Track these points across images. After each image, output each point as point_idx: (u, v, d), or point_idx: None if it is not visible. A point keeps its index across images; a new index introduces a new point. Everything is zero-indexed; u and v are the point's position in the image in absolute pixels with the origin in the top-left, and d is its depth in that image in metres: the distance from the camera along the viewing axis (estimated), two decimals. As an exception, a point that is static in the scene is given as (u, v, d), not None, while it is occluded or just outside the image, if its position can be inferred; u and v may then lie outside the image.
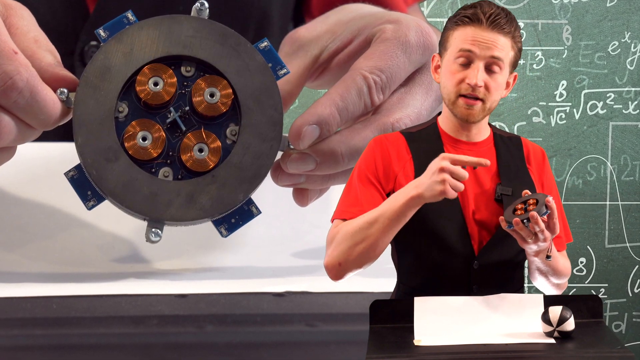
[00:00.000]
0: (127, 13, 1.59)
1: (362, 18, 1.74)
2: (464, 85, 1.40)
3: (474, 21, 1.40)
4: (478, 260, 1.40)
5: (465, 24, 1.40)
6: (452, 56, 1.41)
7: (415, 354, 1.28)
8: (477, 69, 1.39)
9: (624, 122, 2.89)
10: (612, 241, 2.92)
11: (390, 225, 1.37)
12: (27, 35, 1.57)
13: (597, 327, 1.36)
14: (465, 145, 1.44)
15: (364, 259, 1.40)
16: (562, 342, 1.30)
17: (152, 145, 1.56)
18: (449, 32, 1.43)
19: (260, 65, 1.59)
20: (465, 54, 1.40)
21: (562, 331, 1.31)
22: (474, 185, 1.42)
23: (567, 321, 1.31)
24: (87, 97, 1.55)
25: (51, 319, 1.57)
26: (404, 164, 1.44)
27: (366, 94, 1.63)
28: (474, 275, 1.41)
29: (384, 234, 1.38)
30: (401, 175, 1.43)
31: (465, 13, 1.41)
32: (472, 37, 1.40)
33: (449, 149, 1.44)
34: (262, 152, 1.57)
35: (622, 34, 2.86)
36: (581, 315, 1.36)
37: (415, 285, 1.44)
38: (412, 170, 1.42)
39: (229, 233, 1.59)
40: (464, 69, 1.40)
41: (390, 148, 1.45)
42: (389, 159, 1.44)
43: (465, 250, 1.41)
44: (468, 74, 1.40)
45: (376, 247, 1.39)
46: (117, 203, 1.55)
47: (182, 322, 1.57)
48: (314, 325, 1.57)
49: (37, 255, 1.80)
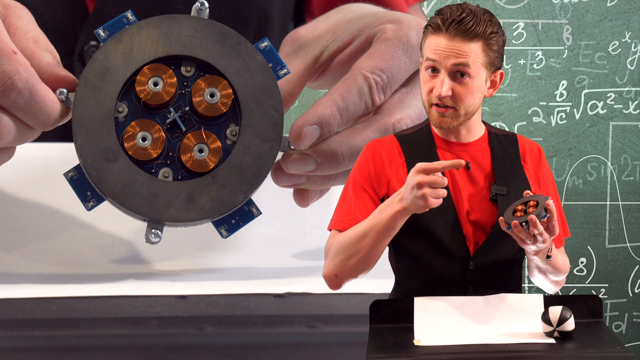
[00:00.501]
0: (127, 13, 1.58)
1: (363, 18, 1.73)
2: (432, 95, 1.39)
3: (435, 30, 1.39)
4: (473, 261, 1.40)
5: (430, 32, 1.40)
6: (423, 65, 1.41)
7: (415, 354, 1.28)
8: (441, 79, 1.38)
9: (625, 122, 2.89)
10: (613, 241, 2.92)
11: (379, 238, 1.37)
12: (26, 35, 1.56)
13: (597, 327, 1.35)
14: (457, 147, 1.43)
15: (358, 270, 1.40)
16: (562, 342, 1.30)
17: (152, 145, 1.55)
18: (423, 38, 1.42)
19: (261, 65, 1.58)
20: (431, 64, 1.39)
21: (562, 331, 1.31)
22: (468, 186, 1.42)
23: (567, 321, 1.30)
24: (86, 97, 1.54)
25: (50, 320, 1.56)
26: (397, 168, 1.43)
27: (367, 94, 1.63)
28: (470, 276, 1.40)
29: (375, 246, 1.38)
30: (394, 180, 1.43)
31: (431, 20, 1.40)
32: (435, 46, 1.39)
33: (441, 151, 1.43)
34: (263, 152, 1.57)
35: (623, 34, 2.86)
36: (581, 315, 1.35)
37: (411, 286, 1.43)
38: (405, 175, 1.41)
39: (229, 234, 1.59)
40: (432, 78, 1.39)
41: (383, 153, 1.44)
42: (382, 164, 1.43)
43: (460, 251, 1.40)
44: (435, 84, 1.39)
45: (369, 259, 1.39)
46: (117, 204, 1.55)
47: (182, 324, 1.57)
48: (315, 326, 1.56)
49: (36, 256, 1.79)
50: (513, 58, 2.82)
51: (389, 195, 1.41)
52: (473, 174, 1.42)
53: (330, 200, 1.63)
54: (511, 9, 2.82)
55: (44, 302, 1.59)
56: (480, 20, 1.38)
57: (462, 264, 1.40)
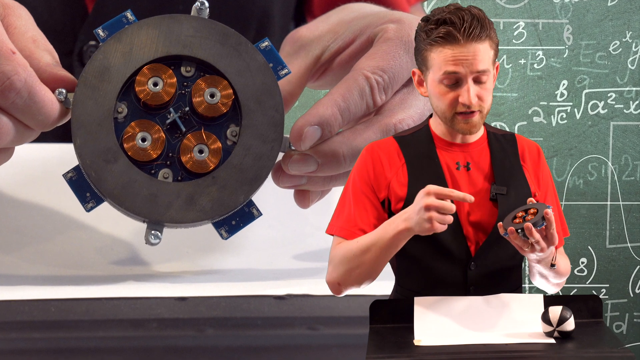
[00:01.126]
0: (126, 12, 1.58)
1: (364, 17, 1.73)
2: (458, 106, 1.38)
3: (450, 40, 1.36)
4: (474, 262, 1.40)
5: (440, 44, 1.37)
6: (437, 77, 1.39)
7: (415, 354, 1.28)
8: (467, 88, 1.37)
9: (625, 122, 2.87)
10: (613, 241, 2.90)
11: (382, 254, 1.38)
12: (25, 35, 1.56)
13: (597, 327, 1.36)
14: (457, 147, 1.43)
15: (361, 281, 1.41)
16: (562, 342, 1.30)
17: (152, 146, 1.55)
18: (424, 52, 1.40)
19: (261, 66, 1.58)
20: (454, 77, 1.38)
21: (562, 331, 1.31)
22: (468, 187, 1.42)
23: (567, 321, 1.31)
24: (85, 98, 1.54)
25: (49, 322, 1.56)
26: (397, 170, 1.43)
27: (368, 94, 1.63)
28: (471, 276, 1.40)
29: (377, 261, 1.38)
30: (394, 182, 1.42)
31: (438, 33, 1.37)
32: (453, 57, 1.37)
33: (441, 151, 1.43)
34: (263, 153, 1.57)
35: (624, 34, 2.84)
36: (581, 315, 1.36)
37: (412, 287, 1.43)
38: (405, 177, 1.41)
39: (229, 235, 1.59)
40: (452, 89, 1.38)
41: (382, 156, 1.43)
42: (381, 167, 1.43)
43: (461, 252, 1.40)
44: (460, 94, 1.38)
45: (372, 272, 1.39)
46: (116, 205, 1.55)
47: (182, 326, 1.57)
48: (316, 328, 1.56)
49: (35, 258, 1.79)
50: (513, 58, 2.82)
51: (389, 197, 1.41)
52: (473, 175, 1.42)
53: (331, 201, 1.62)
54: (511, 9, 2.80)
55: (42, 304, 1.60)
56: (480, 20, 1.38)
57: (463, 265, 1.41)
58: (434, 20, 1.39)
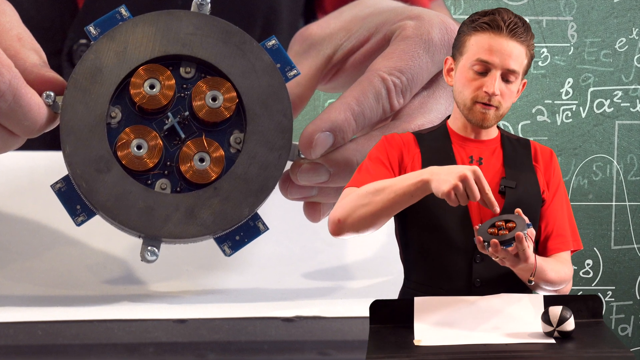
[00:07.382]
0: (120, 8, 1.57)
1: (381, 14, 1.71)
2: (481, 93, 1.43)
3: (493, 28, 1.43)
4: (480, 254, 1.42)
5: (483, 30, 1.44)
6: (469, 63, 1.44)
7: (415, 354, 1.30)
8: (494, 78, 1.43)
9: (631, 120, 2.93)
10: (619, 242, 2.95)
11: (395, 199, 1.39)
12: (9, 33, 1.54)
13: (597, 327, 1.38)
14: (472, 143, 1.47)
15: (362, 224, 1.41)
16: (562, 342, 1.33)
17: (148, 154, 1.53)
18: (465, 36, 1.46)
19: (268, 66, 1.56)
20: (483, 64, 1.43)
21: (562, 331, 1.33)
22: None
23: (567, 321, 1.33)
24: (75, 101, 1.52)
25: (36, 347, 1.52)
26: (413, 157, 1.46)
27: (385, 97, 1.61)
28: (476, 269, 1.43)
29: (388, 206, 1.39)
30: (409, 168, 1.46)
31: (484, 19, 1.44)
32: (490, 45, 1.43)
33: (456, 146, 1.47)
34: (270, 162, 1.55)
35: (629, 31, 2.90)
36: (581, 315, 1.38)
37: (417, 279, 1.45)
38: (419, 166, 1.45)
39: (233, 252, 1.57)
40: (480, 76, 1.44)
41: (401, 142, 1.47)
42: (400, 151, 1.46)
43: (468, 244, 1.42)
44: (485, 82, 1.43)
45: (377, 215, 1.40)
46: (109, 218, 1.53)
47: (181, 350, 1.53)
48: (327, 353, 1.53)
49: (20, 276, 1.76)
50: (516, 55, 2.88)
51: None
52: (484, 169, 1.44)
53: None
54: (515, 6, 2.84)
55: (29, 327, 1.55)
56: (527, 28, 1.44)
57: (469, 257, 1.43)
58: (483, 11, 1.45)
